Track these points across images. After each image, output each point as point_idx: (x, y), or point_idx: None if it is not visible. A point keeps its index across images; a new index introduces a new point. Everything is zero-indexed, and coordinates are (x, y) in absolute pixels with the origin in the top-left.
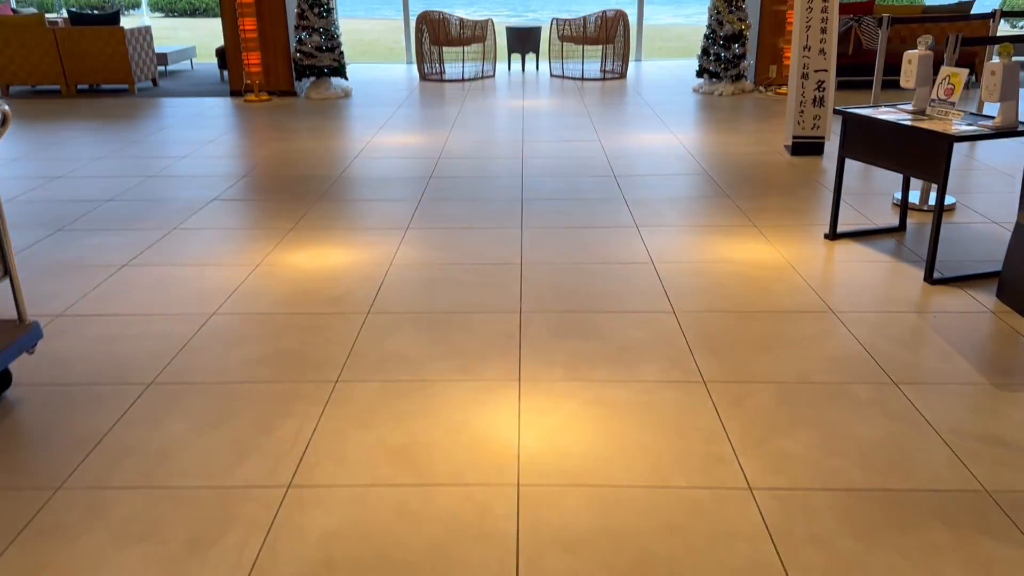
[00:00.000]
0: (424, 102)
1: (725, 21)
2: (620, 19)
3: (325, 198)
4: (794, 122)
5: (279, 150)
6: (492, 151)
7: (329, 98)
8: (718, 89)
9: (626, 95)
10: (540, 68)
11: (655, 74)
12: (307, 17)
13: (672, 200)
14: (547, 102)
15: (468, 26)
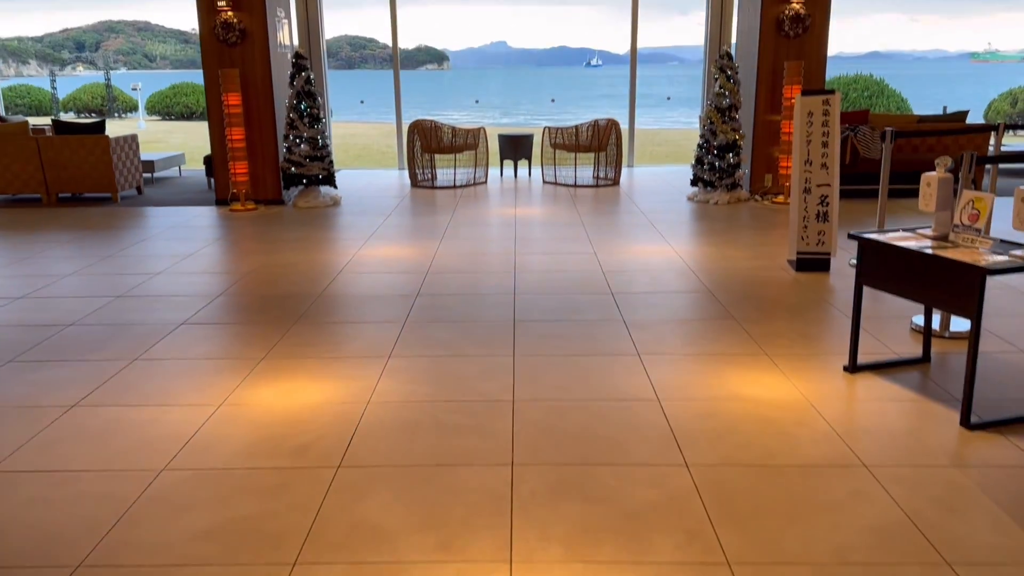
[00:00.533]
0: (414, 210)
1: (719, 131)
2: (612, 128)
3: (304, 320)
4: (798, 237)
5: (260, 264)
6: (483, 264)
7: (317, 207)
8: (713, 198)
9: (620, 203)
10: (532, 174)
11: (648, 181)
12: (296, 126)
13: (675, 322)
14: (540, 210)
15: (460, 134)
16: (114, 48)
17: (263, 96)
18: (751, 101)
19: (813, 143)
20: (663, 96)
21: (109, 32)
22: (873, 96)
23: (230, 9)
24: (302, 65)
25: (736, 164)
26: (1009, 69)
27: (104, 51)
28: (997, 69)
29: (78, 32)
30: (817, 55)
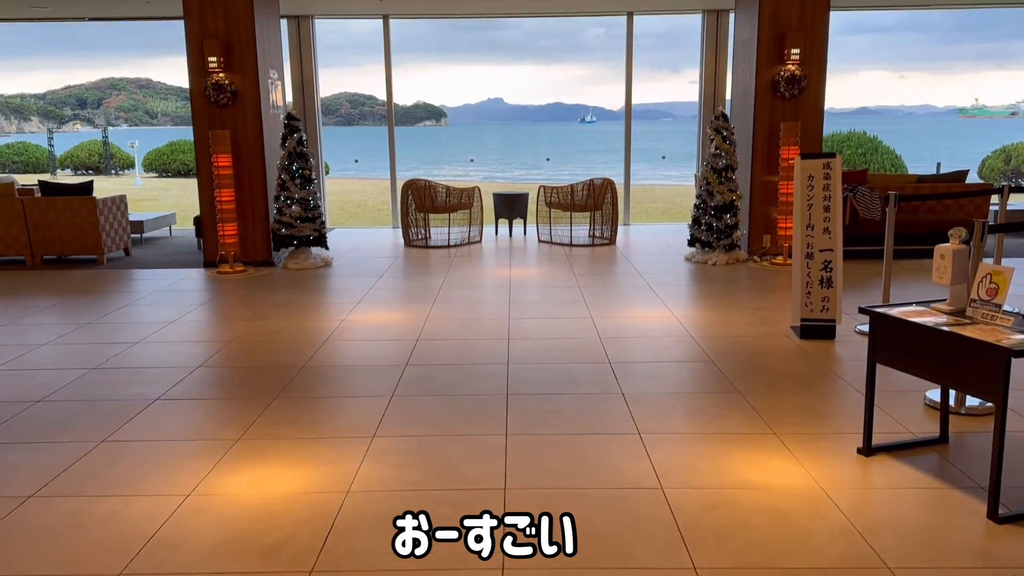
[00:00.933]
0: (407, 271)
1: (716, 192)
2: (608, 187)
3: (286, 394)
4: (801, 304)
5: (244, 332)
6: (476, 330)
7: (308, 268)
8: (711, 259)
9: (616, 263)
10: (527, 233)
11: (644, 240)
12: (288, 187)
13: (676, 396)
14: (535, 271)
15: (455, 193)
16: (116, 105)
17: (254, 157)
18: (748, 161)
19: (815, 207)
20: (656, 152)
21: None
22: (867, 153)
23: (222, 71)
24: (294, 126)
25: (734, 225)
26: (997, 124)
27: (106, 108)
28: (985, 124)
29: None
30: (814, 116)
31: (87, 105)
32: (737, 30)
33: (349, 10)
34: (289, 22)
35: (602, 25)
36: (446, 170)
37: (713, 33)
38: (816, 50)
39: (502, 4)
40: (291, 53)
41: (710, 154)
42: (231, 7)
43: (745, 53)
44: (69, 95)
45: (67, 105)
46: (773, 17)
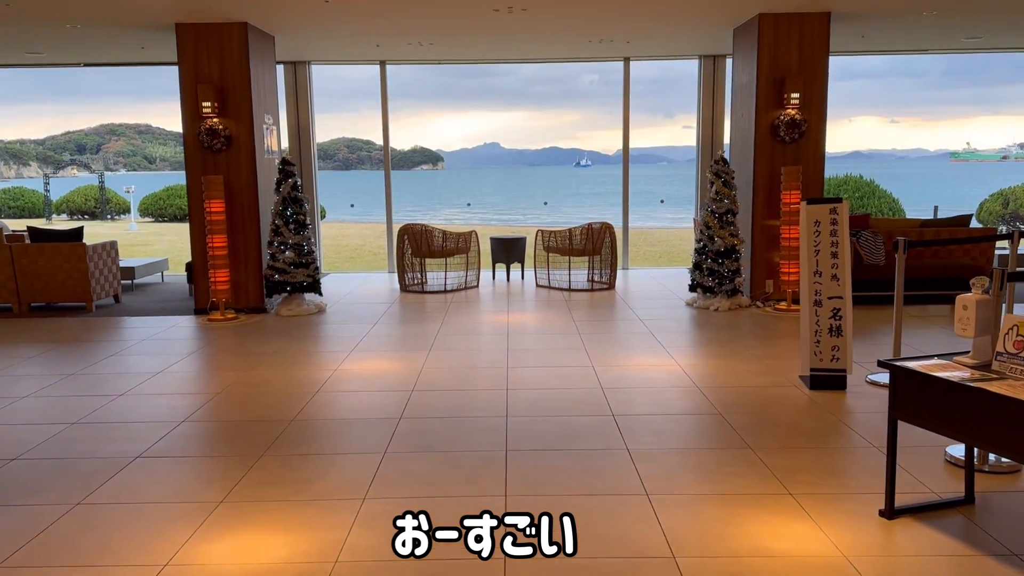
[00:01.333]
0: (403, 317)
1: (717, 236)
2: (606, 231)
3: (273, 451)
4: (810, 353)
5: (233, 383)
6: (473, 380)
7: (301, 315)
8: (713, 304)
9: (616, 309)
10: (525, 277)
11: (644, 284)
12: (281, 232)
13: (684, 453)
14: (533, 316)
15: (451, 238)
16: (115, 150)
17: (248, 202)
18: (748, 206)
19: (822, 253)
20: (653, 195)
21: (111, 135)
22: (864, 197)
23: (216, 116)
24: (289, 171)
25: (736, 270)
26: (988, 168)
27: (105, 153)
28: (977, 168)
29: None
30: (815, 160)
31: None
32: (735, 75)
33: (346, 56)
34: (286, 68)
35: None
36: (443, 214)
37: (710, 78)
38: (816, 94)
39: (499, 50)
40: (287, 98)
41: (710, 198)
42: (226, 53)
43: (744, 97)
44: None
45: (66, 150)
46: (772, 62)
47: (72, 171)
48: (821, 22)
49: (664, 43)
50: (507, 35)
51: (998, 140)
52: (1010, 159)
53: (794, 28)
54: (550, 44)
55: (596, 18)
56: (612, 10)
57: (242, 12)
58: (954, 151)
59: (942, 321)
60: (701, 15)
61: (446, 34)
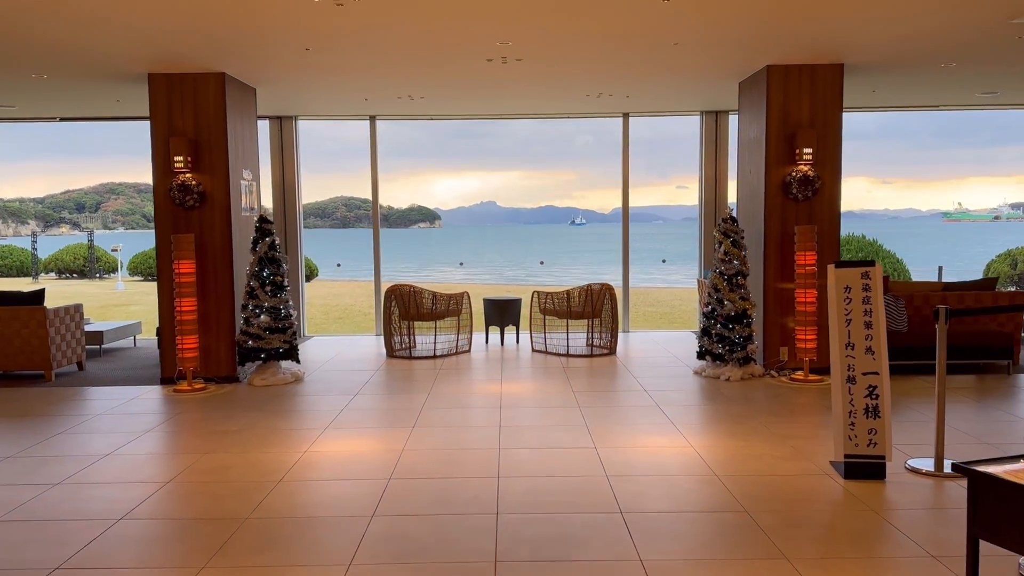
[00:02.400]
0: (387, 387)
1: (726, 300)
2: (606, 293)
3: (217, 561)
4: (844, 436)
5: (187, 468)
6: (459, 465)
7: (275, 385)
8: (724, 373)
9: (619, 378)
10: (520, 341)
11: (647, 349)
12: (257, 295)
13: (709, 566)
14: (529, 386)
15: (442, 300)
16: (113, 208)
17: (221, 262)
18: (760, 267)
19: (854, 323)
20: (649, 253)
21: (110, 194)
22: (867, 257)
23: (189, 171)
24: (267, 230)
25: (748, 336)
26: (981, 228)
27: (103, 212)
28: (969, 228)
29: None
30: (829, 218)
31: (85, 209)
32: (741, 130)
33: (334, 111)
34: (271, 122)
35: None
36: (436, 273)
37: (712, 134)
38: (829, 149)
39: (494, 105)
40: (272, 154)
41: (718, 259)
42: (201, 104)
43: (752, 153)
44: (68, 199)
45: (65, 209)
46: (782, 115)
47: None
48: (833, 74)
49: (665, 97)
50: (502, 89)
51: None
52: (1002, 219)
53: (805, 80)
54: (546, 99)
55: (594, 69)
56: (611, 60)
57: (219, 62)
58: (946, 211)
59: (971, 394)
60: (705, 67)
61: (437, 87)
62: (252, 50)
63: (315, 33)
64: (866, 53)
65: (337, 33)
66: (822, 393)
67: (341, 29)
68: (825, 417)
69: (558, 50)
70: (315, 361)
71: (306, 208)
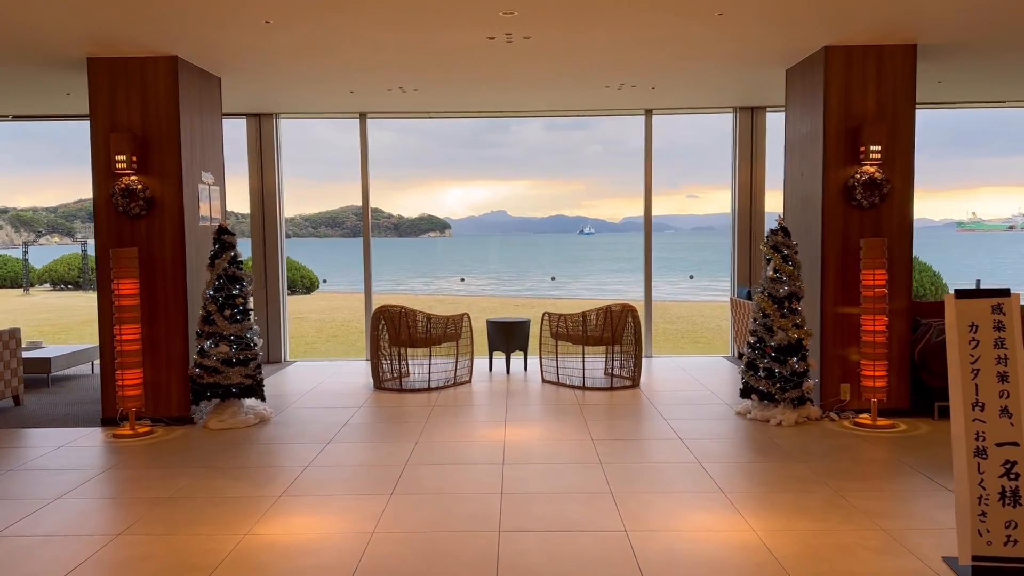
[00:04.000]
0: (368, 432)
1: (776, 327)
2: (628, 315)
3: None
4: (972, 531)
5: (87, 560)
6: (445, 558)
7: (235, 428)
8: (775, 416)
9: (647, 420)
10: (528, 368)
11: (675, 380)
12: (214, 320)
13: None
14: (539, 432)
15: (438, 323)
16: None
17: (173, 282)
18: (816, 288)
19: (983, 374)
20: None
21: None
22: None
23: (134, 172)
24: (226, 242)
25: (803, 371)
26: (996, 237)
27: None
28: (985, 237)
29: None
30: (900, 230)
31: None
32: (790, 125)
33: (318, 107)
34: (248, 121)
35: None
36: (442, 283)
37: (747, 133)
38: (900, 146)
39: (500, 99)
40: (250, 157)
41: (767, 278)
42: (150, 94)
43: (804, 152)
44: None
45: (77, 219)
46: (844, 106)
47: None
48: (905, 57)
49: (694, 89)
50: (509, 79)
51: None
52: (1016, 228)
53: (871, 64)
54: (560, 91)
55: (617, 51)
56: (638, 41)
57: (169, 43)
58: (960, 221)
59: None
60: (747, 50)
61: (432, 75)
62: (203, 27)
63: (273, 1)
64: (944, 31)
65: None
66: (897, 444)
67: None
68: (913, 481)
69: (574, 23)
70: (291, 394)
71: (317, 218)
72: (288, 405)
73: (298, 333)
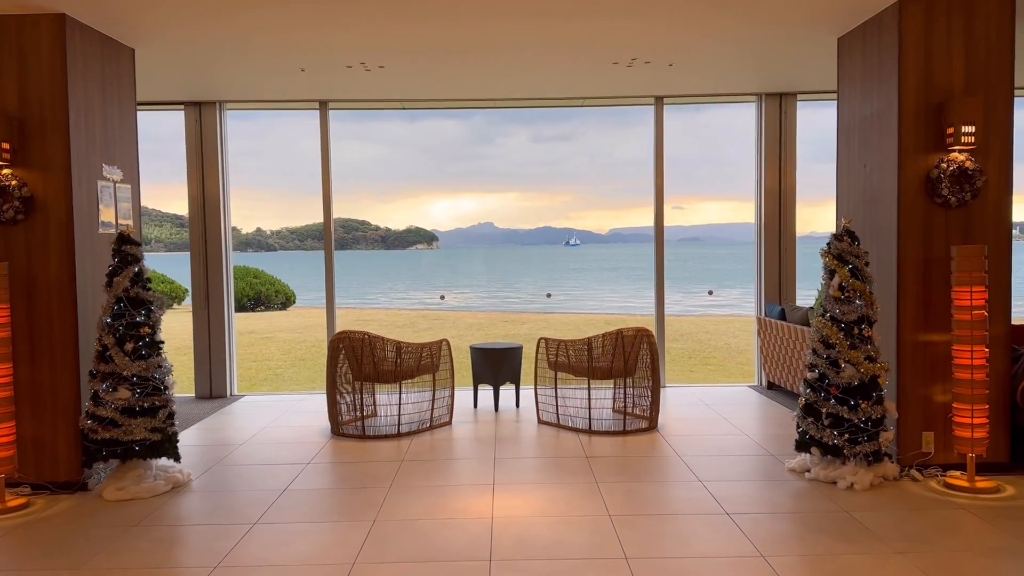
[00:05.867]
0: (311, 505)
1: (843, 359)
2: (642, 341)
3: None
4: None
5: None
6: None
7: (139, 498)
8: (844, 478)
9: (675, 481)
10: (521, 404)
11: (699, 419)
12: (111, 357)
13: None
14: (538, 503)
15: (410, 353)
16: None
17: (59, 307)
18: (890, 310)
19: None
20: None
21: None
22: None
23: (7, 165)
24: (128, 254)
25: (879, 418)
26: None
27: None
28: None
29: None
30: (996, 234)
31: None
32: (844, 108)
33: (270, 93)
34: (187, 111)
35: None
36: (422, 298)
37: (775, 124)
38: (996, 127)
39: (484, 84)
40: (189, 155)
41: (830, 297)
42: (30, 64)
43: (867, 139)
44: None
45: None
46: (923, 77)
47: None
48: (1001, 10)
49: (716, 67)
50: (494, 55)
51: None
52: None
53: (956, 23)
54: (558, 71)
55: (629, 13)
56: None
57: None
58: None
59: None
60: (792, 12)
61: (400, 46)
62: None
63: None
64: None
65: None
66: (1015, 519)
67: None
68: None
69: None
70: (226, 443)
71: (304, 230)
72: (217, 460)
73: (262, 356)
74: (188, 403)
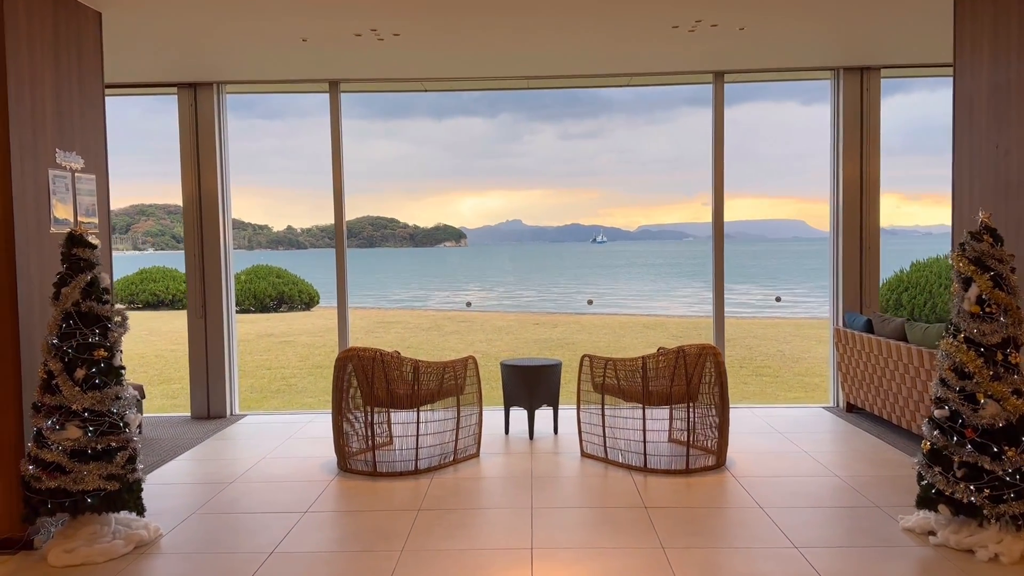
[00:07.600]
0: (305, 571)
1: (984, 394)
2: (707, 360)
3: None
4: None
5: None
6: None
7: (92, 563)
8: (985, 545)
9: (762, 545)
10: (560, 431)
11: (772, 450)
12: (57, 387)
13: None
14: (584, 571)
15: (431, 373)
16: (143, 230)
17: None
18: None
19: None
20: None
21: (140, 215)
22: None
23: None
24: (79, 259)
25: None
26: None
27: (133, 233)
28: None
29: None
30: None
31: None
32: (964, 78)
33: (274, 72)
34: (180, 94)
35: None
36: (448, 298)
37: (855, 105)
38: None
39: (522, 59)
40: (183, 144)
41: (966, 312)
42: None
43: (998, 114)
44: None
45: None
46: None
47: None
48: None
49: (789, 34)
50: (525, 17)
51: None
52: None
53: None
54: (604, 39)
55: None
56: None
57: None
58: None
59: None
60: None
61: (417, 7)
62: None
63: None
64: None
65: None
66: None
67: None
68: None
69: None
70: (211, 482)
71: (333, 229)
72: (199, 505)
73: (277, 363)
74: (181, 424)
